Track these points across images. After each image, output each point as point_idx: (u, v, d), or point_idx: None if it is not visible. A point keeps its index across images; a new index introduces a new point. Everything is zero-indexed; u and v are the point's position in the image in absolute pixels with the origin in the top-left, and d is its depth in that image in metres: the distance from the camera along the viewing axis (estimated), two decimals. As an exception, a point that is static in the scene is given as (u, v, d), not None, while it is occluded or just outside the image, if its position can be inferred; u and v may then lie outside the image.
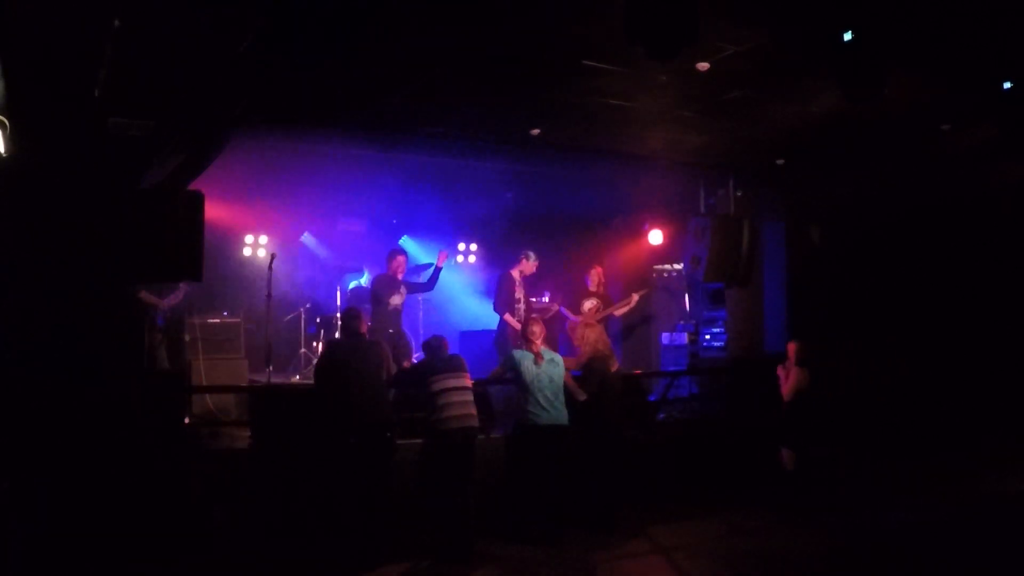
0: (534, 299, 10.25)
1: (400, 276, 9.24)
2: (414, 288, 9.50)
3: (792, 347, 8.31)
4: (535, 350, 7.15)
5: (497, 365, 7.67)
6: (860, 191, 10.63)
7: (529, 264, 9.52)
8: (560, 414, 7.06)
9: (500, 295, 9.46)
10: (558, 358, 7.28)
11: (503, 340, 9.46)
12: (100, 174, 6.86)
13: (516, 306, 9.47)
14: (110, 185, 6.90)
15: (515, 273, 9.51)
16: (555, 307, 10.18)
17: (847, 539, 7.10)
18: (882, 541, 7.04)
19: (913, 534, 7.21)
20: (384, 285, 9.11)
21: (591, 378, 7.42)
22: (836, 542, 7.02)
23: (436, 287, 9.56)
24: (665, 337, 11.33)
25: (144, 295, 9.06)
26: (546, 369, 7.08)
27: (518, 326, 9.34)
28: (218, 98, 6.80)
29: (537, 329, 7.28)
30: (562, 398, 7.11)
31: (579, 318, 9.59)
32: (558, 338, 10.39)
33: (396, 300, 9.10)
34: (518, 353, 7.22)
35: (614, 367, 7.67)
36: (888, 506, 8.09)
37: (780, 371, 8.30)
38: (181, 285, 9.04)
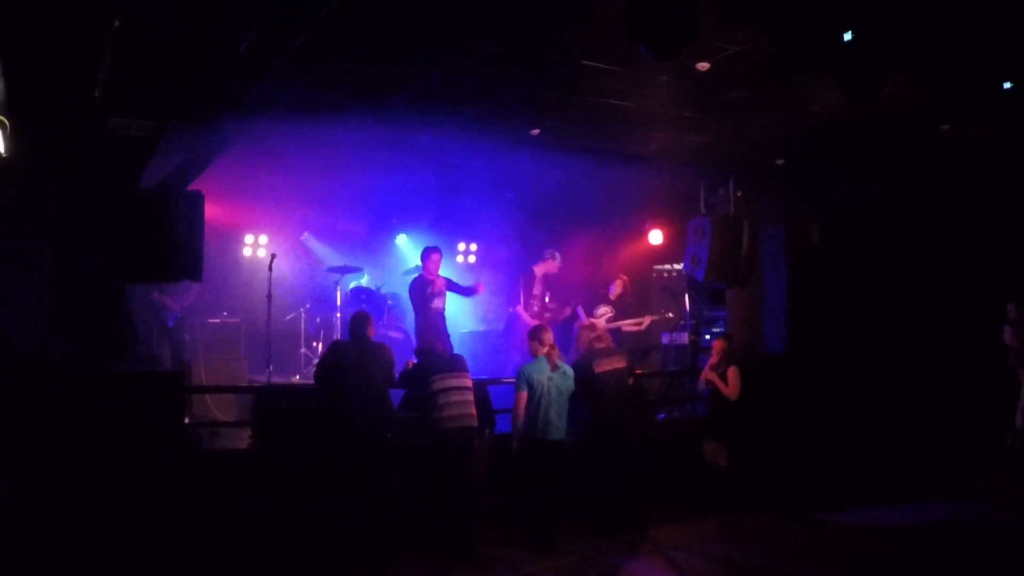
0: (547, 299, 10.26)
1: (436, 275, 8.86)
2: (454, 289, 9.21)
3: (723, 345, 8.23)
4: (553, 359, 6.99)
5: (492, 364, 7.58)
6: (860, 191, 10.63)
7: (553, 264, 9.58)
8: (563, 428, 6.95)
9: (523, 290, 9.50)
10: (569, 371, 7.14)
11: (512, 336, 9.45)
12: (100, 174, 6.87)
13: (531, 301, 9.50)
14: (110, 185, 6.91)
15: (537, 270, 9.54)
16: (568, 310, 10.16)
17: (847, 539, 7.10)
18: (882, 541, 7.05)
19: (912, 534, 7.21)
20: (422, 286, 8.75)
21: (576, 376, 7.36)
22: (836, 542, 7.03)
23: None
24: (665, 337, 11.33)
25: (157, 297, 9.02)
26: (556, 381, 6.94)
27: (529, 320, 9.34)
28: (218, 98, 6.81)
29: (549, 337, 7.13)
30: (565, 412, 6.97)
31: (588, 320, 9.63)
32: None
33: (438, 303, 8.84)
34: (527, 367, 7.02)
35: (616, 365, 7.54)
36: (888, 505, 8.09)
37: (710, 373, 8.16)
38: (194, 285, 9.00)
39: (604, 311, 9.85)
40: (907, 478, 9.18)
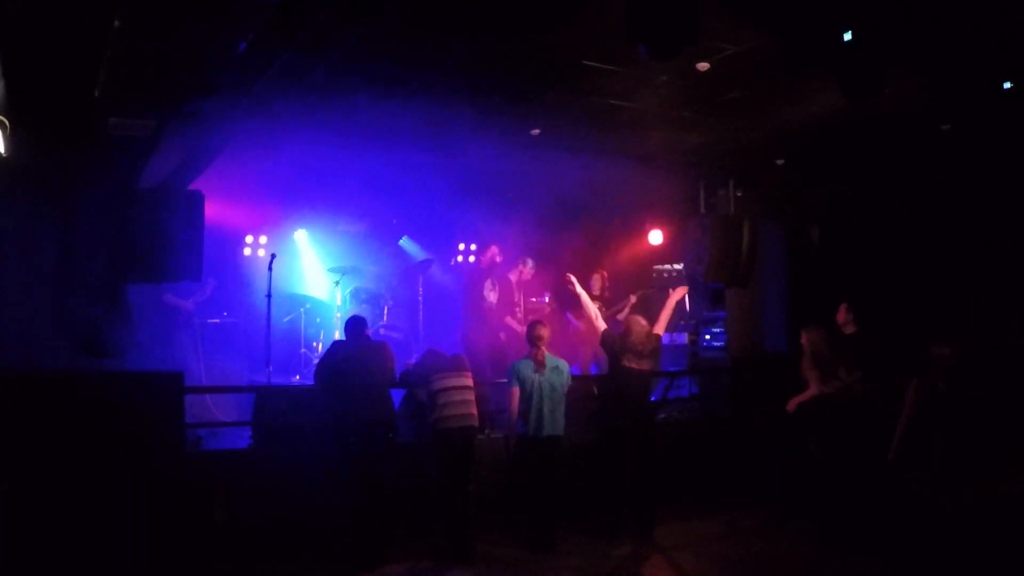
0: (534, 299, 10.27)
1: (494, 268, 8.96)
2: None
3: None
4: (539, 356, 6.87)
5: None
6: (860, 191, 10.63)
7: (527, 271, 9.49)
8: (558, 424, 6.87)
9: (505, 299, 9.42)
10: (563, 366, 7.02)
11: (498, 345, 9.42)
12: (100, 174, 6.87)
13: (514, 309, 9.47)
14: (110, 185, 6.91)
15: (512, 277, 9.48)
16: (548, 308, 10.16)
17: (847, 541, 7.09)
18: (881, 543, 7.04)
19: (912, 536, 7.20)
20: (480, 278, 8.82)
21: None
22: (836, 544, 7.02)
23: (436, 290, 9.57)
24: (665, 337, 11.33)
25: (169, 298, 8.98)
26: (549, 377, 6.84)
27: (519, 328, 9.33)
28: (218, 98, 6.81)
29: (544, 332, 6.97)
30: (562, 408, 6.90)
31: (581, 324, 9.60)
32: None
33: (493, 296, 8.87)
34: (517, 364, 6.94)
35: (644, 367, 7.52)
36: (889, 506, 8.07)
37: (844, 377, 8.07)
38: (210, 280, 8.97)
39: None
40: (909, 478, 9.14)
